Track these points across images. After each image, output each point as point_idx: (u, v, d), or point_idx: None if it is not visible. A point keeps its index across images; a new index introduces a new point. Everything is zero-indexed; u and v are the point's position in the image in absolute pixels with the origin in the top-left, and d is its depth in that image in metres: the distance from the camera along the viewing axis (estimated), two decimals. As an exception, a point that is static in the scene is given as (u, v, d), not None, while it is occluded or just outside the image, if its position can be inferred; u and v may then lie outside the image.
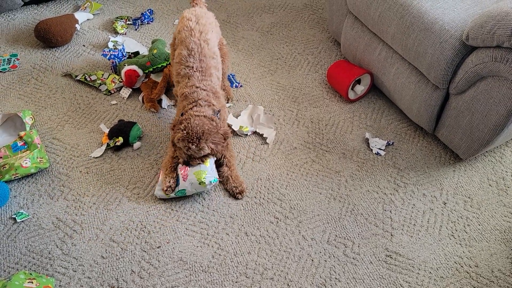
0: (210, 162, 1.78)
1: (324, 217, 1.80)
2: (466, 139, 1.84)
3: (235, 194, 1.84)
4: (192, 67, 1.83)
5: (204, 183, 1.73)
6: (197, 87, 1.80)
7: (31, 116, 2.07)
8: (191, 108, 1.75)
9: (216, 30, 1.99)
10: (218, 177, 1.81)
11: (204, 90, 1.80)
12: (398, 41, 1.90)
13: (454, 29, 1.70)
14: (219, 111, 1.79)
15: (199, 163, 1.76)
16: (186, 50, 1.84)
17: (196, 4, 2.05)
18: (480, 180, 1.92)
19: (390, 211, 1.81)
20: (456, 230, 1.76)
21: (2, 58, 2.40)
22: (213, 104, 1.78)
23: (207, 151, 1.72)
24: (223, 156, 1.87)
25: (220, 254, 1.68)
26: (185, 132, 1.68)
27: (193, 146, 1.68)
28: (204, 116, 1.71)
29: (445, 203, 1.84)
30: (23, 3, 2.65)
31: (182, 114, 1.76)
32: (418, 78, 1.91)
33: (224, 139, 1.76)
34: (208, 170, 1.75)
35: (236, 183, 1.84)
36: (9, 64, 2.37)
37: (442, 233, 1.75)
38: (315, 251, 1.70)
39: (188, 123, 1.68)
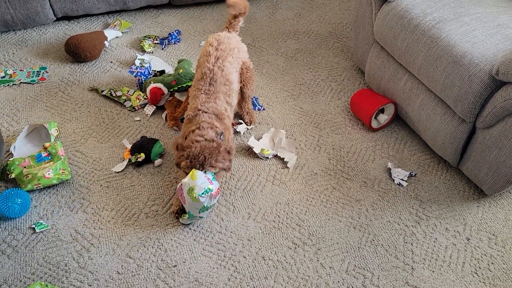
0: (198, 175, 1.66)
1: (344, 245, 1.76)
2: (492, 174, 1.81)
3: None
4: (201, 89, 1.86)
5: (197, 198, 1.65)
6: (199, 110, 1.81)
7: (57, 128, 2.10)
8: (193, 131, 1.74)
9: (239, 55, 1.99)
10: (212, 184, 1.68)
11: (206, 112, 1.80)
12: (425, 72, 1.90)
13: (483, 63, 1.69)
14: (222, 133, 1.78)
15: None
16: (200, 74, 1.89)
17: (227, 28, 2.08)
18: (505, 218, 1.87)
19: (412, 244, 1.77)
20: (480, 268, 1.71)
21: (32, 70, 2.45)
22: (216, 126, 1.77)
23: (215, 171, 1.72)
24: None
25: (236, 277, 1.65)
26: (188, 161, 1.68)
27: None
28: (205, 139, 1.70)
29: (468, 239, 1.80)
30: (55, 18, 2.73)
31: (186, 137, 1.77)
32: (444, 110, 1.90)
33: (229, 153, 1.74)
34: (196, 184, 1.65)
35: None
36: (38, 76, 2.42)
37: (465, 270, 1.70)
38: (333, 280, 1.66)
39: (190, 151, 1.68)
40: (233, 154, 1.79)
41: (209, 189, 1.65)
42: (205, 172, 1.69)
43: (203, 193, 1.64)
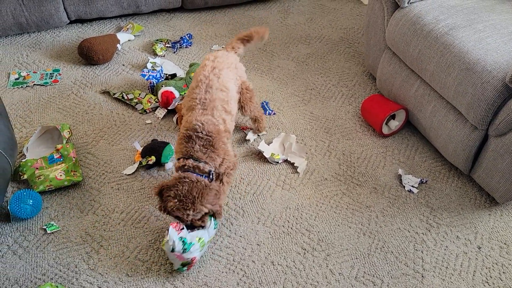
0: (166, 248, 1.56)
1: (353, 252, 1.75)
2: (504, 182, 1.79)
3: None
4: (196, 98, 1.76)
5: (168, 251, 1.59)
6: (193, 129, 1.67)
7: (69, 130, 2.12)
8: (179, 168, 1.65)
9: (236, 71, 1.92)
10: (183, 260, 1.60)
11: (200, 137, 1.67)
12: (437, 79, 1.89)
13: (496, 71, 1.68)
14: (210, 172, 1.65)
15: (201, 226, 1.65)
16: (195, 82, 1.81)
17: (226, 49, 2.02)
18: (517, 226, 1.86)
19: (422, 251, 1.76)
20: (491, 277, 1.69)
21: (45, 72, 2.48)
22: (205, 162, 1.65)
23: (205, 211, 1.60)
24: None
25: (245, 282, 1.65)
26: (176, 200, 1.57)
27: (190, 212, 1.57)
28: (190, 180, 1.58)
29: (479, 248, 1.78)
30: (69, 21, 2.76)
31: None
32: (456, 117, 1.88)
33: (216, 195, 1.63)
34: (168, 240, 1.56)
35: None
36: (51, 78, 2.45)
37: (476, 279, 1.68)
38: (342, 287, 1.65)
39: (176, 191, 1.57)
40: (222, 197, 1.68)
41: (177, 248, 1.57)
42: (180, 238, 1.56)
43: (178, 269, 1.65)
